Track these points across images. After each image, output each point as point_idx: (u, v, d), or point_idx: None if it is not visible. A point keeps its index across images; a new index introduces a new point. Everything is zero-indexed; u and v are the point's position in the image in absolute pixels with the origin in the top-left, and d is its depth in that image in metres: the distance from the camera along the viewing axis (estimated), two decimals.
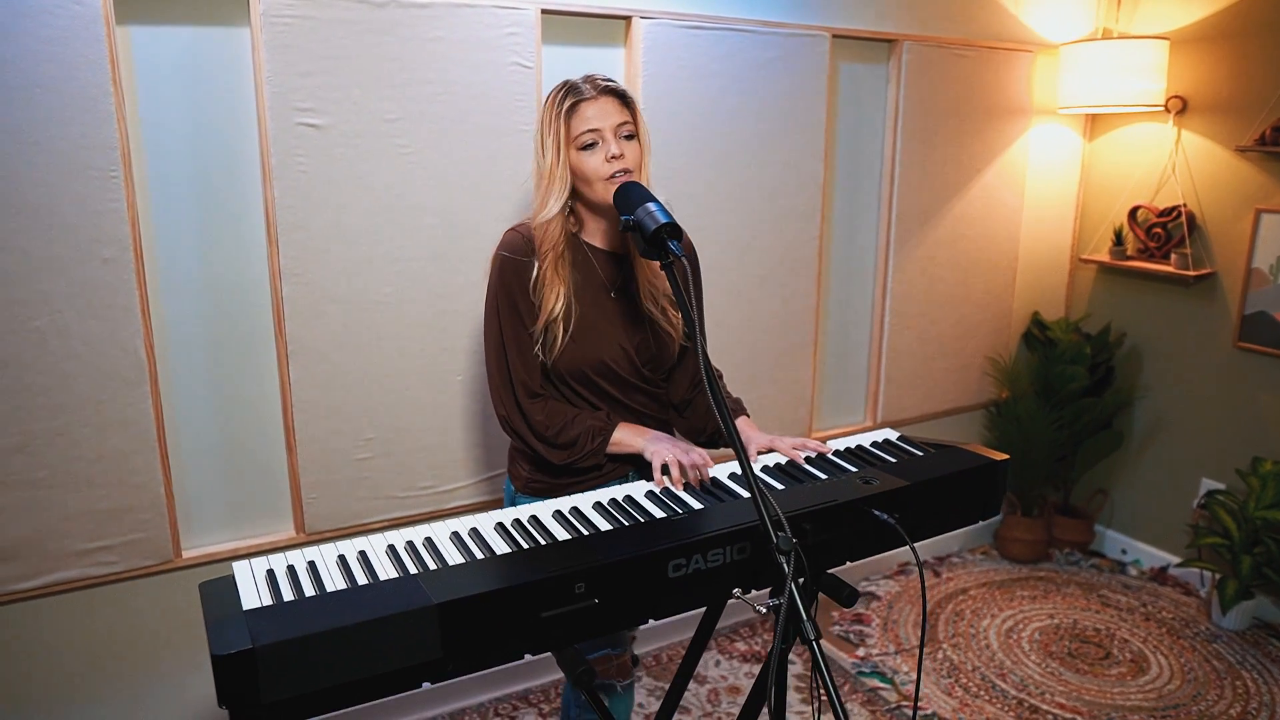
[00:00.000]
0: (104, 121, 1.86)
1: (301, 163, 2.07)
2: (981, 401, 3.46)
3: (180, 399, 2.10)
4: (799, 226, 2.83)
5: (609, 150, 1.60)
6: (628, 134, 1.63)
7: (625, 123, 1.63)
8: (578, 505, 1.54)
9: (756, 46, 2.60)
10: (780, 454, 1.74)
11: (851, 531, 1.54)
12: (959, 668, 2.83)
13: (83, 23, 1.81)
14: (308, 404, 2.19)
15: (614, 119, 1.61)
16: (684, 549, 1.36)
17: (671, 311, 1.77)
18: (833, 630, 3.06)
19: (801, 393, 2.98)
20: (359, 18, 2.06)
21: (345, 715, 2.45)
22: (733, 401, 1.94)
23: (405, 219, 2.21)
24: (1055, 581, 3.38)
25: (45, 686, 2.10)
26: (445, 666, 1.22)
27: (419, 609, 1.18)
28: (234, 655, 1.08)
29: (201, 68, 1.98)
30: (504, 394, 1.71)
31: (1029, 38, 3.18)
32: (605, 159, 1.60)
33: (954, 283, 3.24)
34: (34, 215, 1.84)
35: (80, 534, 2.01)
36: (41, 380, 1.91)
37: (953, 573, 3.45)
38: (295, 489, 2.24)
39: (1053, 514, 3.58)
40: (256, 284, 2.12)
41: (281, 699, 1.12)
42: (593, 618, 1.31)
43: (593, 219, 1.72)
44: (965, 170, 3.14)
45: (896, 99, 2.93)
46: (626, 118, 1.63)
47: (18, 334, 1.87)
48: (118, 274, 1.94)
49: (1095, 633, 3.03)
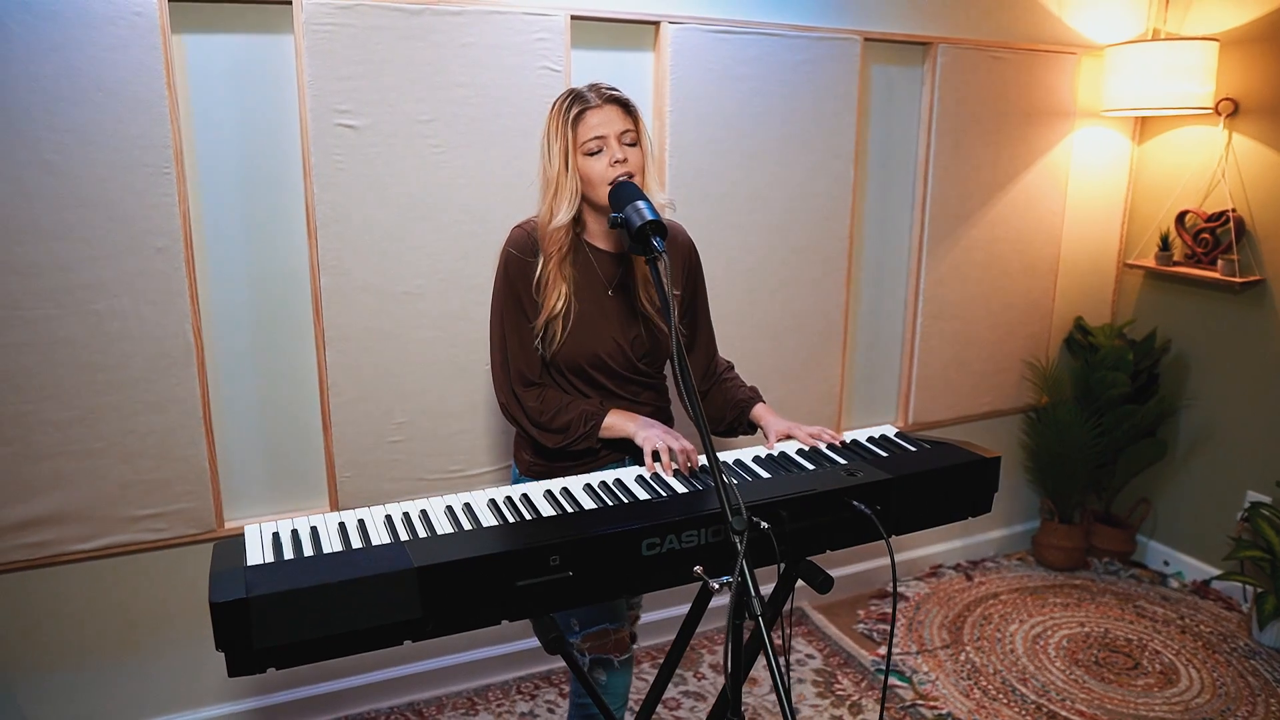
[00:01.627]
0: (158, 122, 2.03)
1: (339, 161, 2.20)
2: (1019, 406, 3.43)
3: (225, 380, 2.26)
4: (828, 226, 2.86)
5: (613, 155, 1.68)
6: (630, 141, 1.71)
7: (628, 130, 1.71)
8: (568, 486, 1.63)
9: (786, 50, 2.65)
10: (799, 441, 1.80)
11: (832, 521, 1.59)
12: (980, 670, 2.83)
13: (141, 32, 1.98)
14: (343, 388, 2.33)
15: (618, 126, 1.69)
16: (658, 529, 1.43)
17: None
18: (857, 628, 3.08)
19: (829, 391, 3.01)
20: (394, 24, 2.19)
21: (371, 687, 2.59)
22: (749, 390, 1.99)
23: (436, 215, 2.33)
24: (1091, 590, 3.33)
25: (99, 642, 2.28)
26: (425, 626, 1.32)
27: (400, 571, 1.29)
28: (229, 604, 1.20)
29: (248, 72, 2.13)
30: (503, 382, 1.82)
31: (1073, 39, 3.15)
32: (609, 164, 1.68)
33: (990, 285, 3.22)
34: (94, 208, 2.01)
35: (132, 501, 2.19)
36: (99, 359, 2.09)
37: (985, 577, 3.42)
38: (330, 467, 2.38)
39: (1092, 522, 3.52)
40: (297, 274, 2.27)
41: (271, 646, 1.23)
42: (568, 589, 1.39)
43: (595, 220, 1.80)
44: (1003, 173, 3.12)
45: (930, 101, 2.94)
46: (630, 125, 1.71)
47: (78, 316, 2.05)
48: (169, 263, 2.11)
49: (1126, 643, 2.98)
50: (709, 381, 2.01)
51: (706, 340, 2.02)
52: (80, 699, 2.30)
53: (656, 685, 1.89)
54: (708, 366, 2.02)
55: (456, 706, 2.64)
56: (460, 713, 2.61)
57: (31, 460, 2.09)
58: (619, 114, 1.70)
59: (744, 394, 1.97)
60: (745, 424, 1.96)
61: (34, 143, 1.94)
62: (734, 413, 1.96)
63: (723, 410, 1.98)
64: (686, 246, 1.95)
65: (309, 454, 2.39)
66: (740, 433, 1.99)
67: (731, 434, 2.00)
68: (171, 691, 2.39)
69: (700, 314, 2.00)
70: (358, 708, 2.60)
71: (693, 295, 1.97)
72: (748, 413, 1.94)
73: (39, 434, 2.08)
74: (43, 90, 1.93)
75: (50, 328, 2.04)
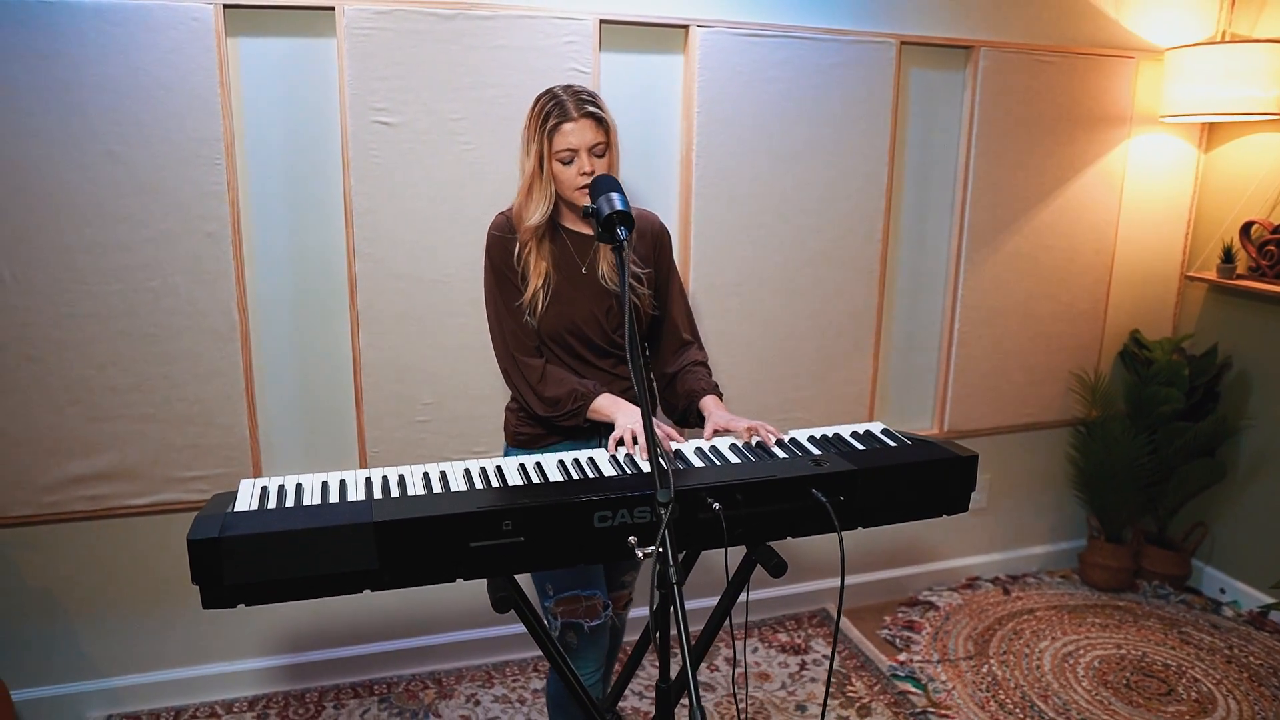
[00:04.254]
0: (211, 117, 2.23)
1: (375, 156, 2.36)
2: (1066, 419, 3.34)
3: (266, 355, 2.45)
4: (860, 230, 2.87)
5: (581, 167, 1.81)
6: (600, 152, 1.83)
7: (599, 143, 1.83)
8: (542, 461, 1.72)
9: (818, 53, 2.68)
10: (736, 436, 1.84)
11: (794, 509, 1.63)
12: (1000, 683, 2.78)
13: (198, 35, 2.18)
14: (374, 367, 2.49)
15: (589, 139, 1.81)
16: (610, 503, 1.51)
17: (638, 287, 1.94)
18: (880, 633, 3.07)
19: (859, 394, 3.01)
20: (429, 29, 2.34)
21: (398, 654, 2.74)
22: (707, 383, 2.03)
23: (465, 208, 2.46)
24: (1135, 613, 3.21)
25: (144, 591, 2.50)
26: (382, 577, 1.43)
27: (359, 524, 1.40)
28: (202, 541, 1.34)
29: (294, 72, 2.31)
30: (502, 350, 1.94)
31: (1130, 43, 3.06)
32: (578, 173, 1.81)
33: (1035, 294, 3.16)
34: (152, 194, 2.23)
35: (179, 464, 2.39)
36: (154, 331, 2.30)
37: (1024, 592, 3.34)
38: (361, 443, 2.54)
39: (1143, 543, 3.39)
40: (334, 259, 2.44)
41: (240, 583, 1.37)
42: (521, 553, 1.48)
43: (568, 210, 1.93)
44: (1049, 180, 3.06)
45: (972, 106, 2.91)
46: (601, 138, 1.82)
47: (137, 292, 2.27)
48: (218, 246, 2.30)
49: (1163, 668, 2.87)
50: (678, 363, 2.06)
51: (678, 319, 2.08)
52: (136, 641, 2.52)
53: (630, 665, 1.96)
54: (678, 347, 2.07)
55: (474, 678, 2.76)
56: (477, 684, 2.74)
57: (94, 420, 2.31)
58: (592, 127, 1.81)
59: (700, 385, 2.00)
60: (695, 414, 2.00)
61: (102, 135, 2.17)
62: (685, 402, 2.01)
63: (678, 399, 2.04)
64: (656, 230, 2.04)
65: (342, 429, 2.55)
66: (692, 423, 2.02)
67: (685, 424, 2.04)
68: (217, 642, 2.60)
69: (674, 301, 2.07)
70: (383, 672, 2.76)
71: (664, 281, 2.05)
72: (697, 402, 1.99)
73: (100, 397, 2.30)
74: (111, 88, 2.15)
75: (112, 302, 2.26)
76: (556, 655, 1.73)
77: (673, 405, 2.05)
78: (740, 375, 2.84)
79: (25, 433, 2.28)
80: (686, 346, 2.09)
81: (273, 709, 2.60)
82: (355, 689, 2.70)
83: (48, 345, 2.25)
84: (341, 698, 2.66)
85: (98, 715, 2.52)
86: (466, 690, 2.71)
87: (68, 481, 2.33)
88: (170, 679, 2.57)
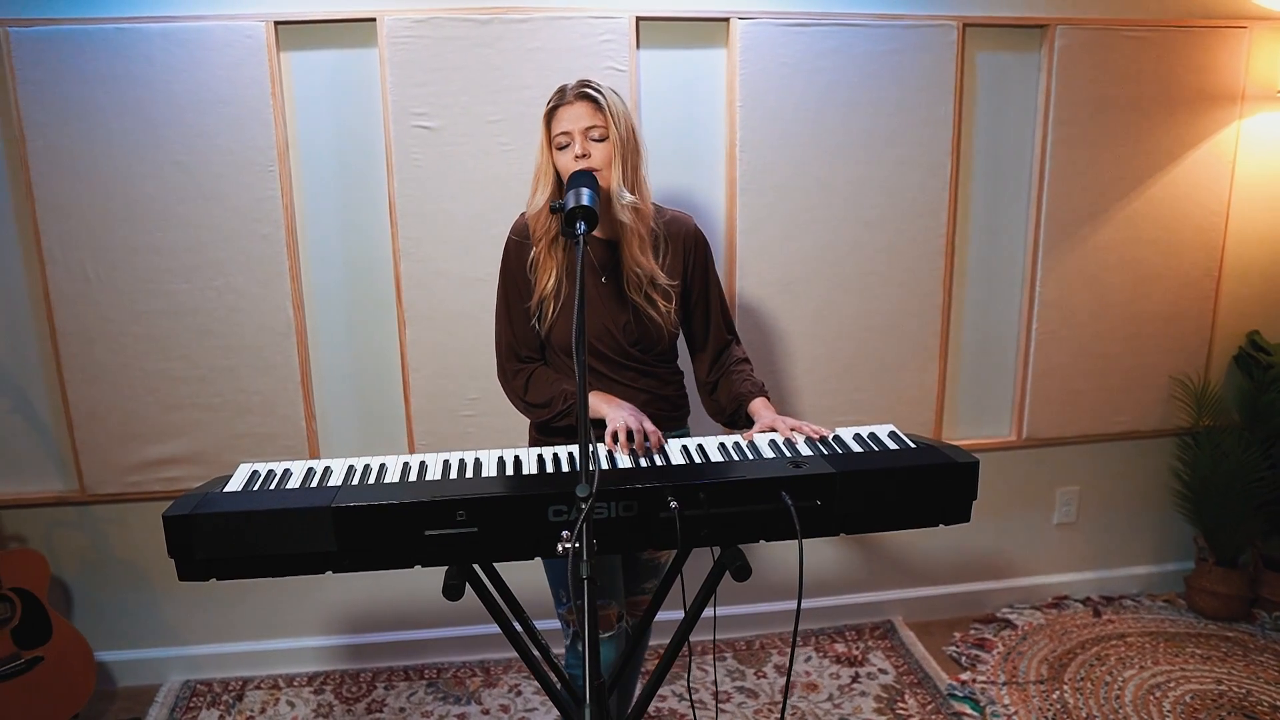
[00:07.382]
0: (266, 126, 2.39)
1: (417, 159, 2.46)
2: (1168, 428, 3.05)
3: (321, 351, 2.60)
4: (921, 223, 2.73)
5: (574, 151, 1.77)
6: (598, 136, 1.79)
7: (595, 126, 1.78)
8: (520, 455, 1.73)
9: (868, 40, 2.57)
10: (780, 434, 1.78)
11: (767, 511, 1.57)
12: (1070, 711, 2.57)
13: (252, 51, 2.34)
14: (421, 363, 2.59)
15: (584, 122, 1.78)
16: (565, 497, 1.51)
17: (660, 300, 1.89)
18: (946, 649, 2.91)
19: (924, 396, 2.87)
20: (466, 34, 2.41)
21: (450, 641, 2.84)
22: (754, 384, 1.99)
23: (505, 208, 2.50)
24: (1246, 646, 2.89)
25: None
26: (341, 560, 1.49)
27: (318, 508, 1.47)
28: (174, 518, 1.44)
29: (340, 82, 2.44)
30: (498, 358, 1.96)
31: (1242, 10, 2.76)
32: (573, 157, 1.78)
33: (1126, 292, 2.90)
34: (213, 200, 2.41)
35: (241, 451, 2.57)
36: (217, 327, 2.49)
37: (1118, 615, 3.08)
38: (410, 436, 2.65)
39: (1261, 568, 3.05)
40: (381, 259, 2.56)
41: (211, 558, 1.46)
42: (474, 544, 1.51)
43: None
44: (1141, 167, 2.80)
45: (1048, 89, 2.71)
46: (598, 121, 1.78)
47: (201, 291, 2.46)
48: (273, 247, 2.47)
49: (1268, 710, 2.57)
50: (718, 373, 2.02)
51: (717, 333, 2.04)
52: (211, 613, 2.74)
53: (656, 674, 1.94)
54: (716, 359, 2.03)
55: (521, 669, 2.82)
56: (523, 675, 2.79)
57: (168, 409, 2.53)
58: (588, 110, 1.78)
59: (746, 387, 1.96)
60: (744, 417, 1.95)
61: (169, 146, 2.37)
62: (733, 405, 1.97)
63: (725, 402, 1.99)
64: (689, 237, 1.97)
65: (393, 421, 2.67)
66: (740, 426, 1.97)
67: (733, 426, 1.99)
68: (283, 618, 2.78)
69: (712, 306, 2.02)
70: (436, 657, 2.86)
71: (701, 288, 2.00)
72: (746, 405, 1.94)
73: (172, 387, 2.51)
74: (176, 103, 2.35)
75: (180, 300, 2.46)
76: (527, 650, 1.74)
77: (720, 408, 2.01)
78: (791, 376, 2.76)
79: (111, 419, 2.52)
80: (726, 346, 2.05)
81: (329, 685, 2.75)
82: (407, 672, 2.81)
83: (127, 339, 2.47)
84: (393, 679, 2.78)
85: (177, 679, 2.74)
86: (511, 680, 2.77)
87: (146, 464, 2.55)
88: (239, 651, 2.77)
